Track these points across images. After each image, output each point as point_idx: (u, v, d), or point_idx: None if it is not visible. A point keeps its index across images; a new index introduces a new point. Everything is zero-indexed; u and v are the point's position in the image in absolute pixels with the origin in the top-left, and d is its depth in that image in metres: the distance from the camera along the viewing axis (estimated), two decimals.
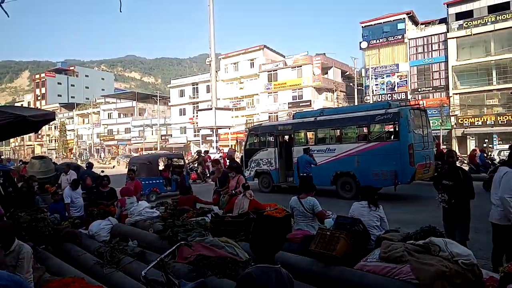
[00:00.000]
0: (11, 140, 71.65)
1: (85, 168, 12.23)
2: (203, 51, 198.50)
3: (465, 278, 3.23)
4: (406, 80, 37.25)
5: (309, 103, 41.71)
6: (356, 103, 37.38)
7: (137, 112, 62.43)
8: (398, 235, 4.29)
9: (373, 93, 37.08)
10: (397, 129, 12.04)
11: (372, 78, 37.31)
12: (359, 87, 38.89)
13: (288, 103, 43.15)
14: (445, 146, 30.44)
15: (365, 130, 13.09)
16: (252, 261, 4.54)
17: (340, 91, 44.49)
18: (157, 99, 55.95)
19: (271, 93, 45.16)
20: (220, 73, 47.92)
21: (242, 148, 18.62)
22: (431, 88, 36.44)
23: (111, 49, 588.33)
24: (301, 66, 43.07)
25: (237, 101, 48.11)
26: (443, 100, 33.95)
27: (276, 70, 44.84)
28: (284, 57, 48.51)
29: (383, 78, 38.62)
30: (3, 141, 49.41)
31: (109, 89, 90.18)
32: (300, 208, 5.39)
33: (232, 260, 4.50)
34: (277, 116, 44.18)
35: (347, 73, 46.95)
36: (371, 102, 35.85)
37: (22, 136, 60.79)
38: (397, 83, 37.86)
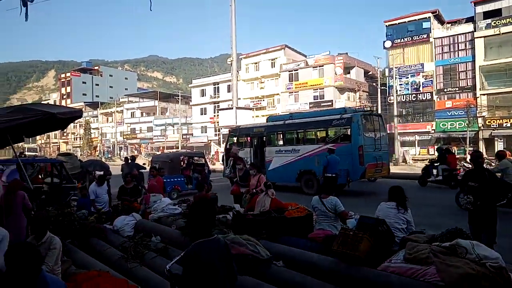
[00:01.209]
0: (38, 137, 73.91)
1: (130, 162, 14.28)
2: (224, 51, 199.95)
3: (493, 281, 3.14)
4: (432, 80, 36.39)
5: (330, 103, 41.32)
6: (379, 103, 36.83)
7: (159, 111, 63.35)
8: (423, 237, 4.20)
9: (397, 93, 36.42)
10: (349, 133, 13.44)
11: (396, 78, 36.63)
12: (382, 87, 38.22)
13: (309, 103, 42.87)
14: (471, 148, 29.61)
15: (323, 133, 14.66)
16: (268, 257, 4.56)
17: (363, 91, 43.89)
18: (178, 98, 56.65)
19: (292, 93, 44.98)
20: (241, 73, 48.10)
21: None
22: (457, 89, 35.48)
23: (134, 49, 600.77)
24: (322, 66, 42.71)
25: (258, 100, 48.16)
26: (470, 101, 32.99)
27: (297, 70, 44.63)
28: (305, 56, 48.23)
29: (408, 78, 37.86)
30: (30, 138, 51.04)
31: (132, 88, 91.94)
32: (322, 207, 5.36)
33: (253, 257, 4.52)
34: None
35: (370, 72, 46.26)
36: (395, 102, 35.33)
37: (48, 133, 62.75)
38: (422, 83, 37.03)
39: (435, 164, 14.93)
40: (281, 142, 16.01)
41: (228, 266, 2.68)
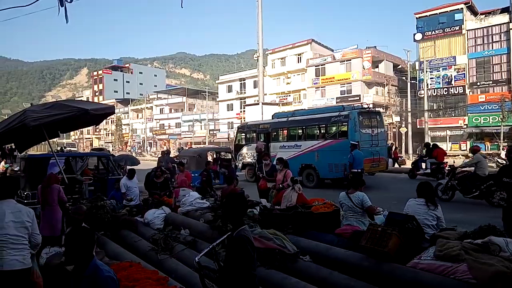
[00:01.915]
0: (71, 133, 76.64)
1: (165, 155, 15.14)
2: (250, 47, 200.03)
3: None
4: (464, 74, 35.08)
5: (358, 98, 40.56)
6: (409, 98, 35.90)
7: (187, 107, 64.26)
8: (454, 233, 4.09)
9: (427, 87, 35.35)
10: (346, 129, 14.19)
11: (427, 71, 35.53)
12: (412, 81, 37.18)
13: (336, 98, 42.25)
14: (505, 144, 28.40)
15: (323, 129, 15.61)
16: (293, 250, 4.57)
17: (392, 85, 42.80)
18: (205, 94, 57.23)
19: (319, 88, 44.48)
20: (267, 68, 48.00)
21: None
22: (491, 82, 34.02)
23: (163, 46, 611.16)
24: (350, 60, 41.97)
25: (284, 96, 47.95)
26: (505, 95, 31.56)
27: (324, 65, 44.06)
28: (332, 51, 47.52)
29: (439, 71, 36.65)
30: (64, 134, 53.08)
31: (161, 85, 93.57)
32: (349, 203, 5.31)
33: (280, 252, 4.56)
34: None
35: (400, 66, 45.06)
36: (426, 96, 34.32)
37: (82, 129, 64.89)
38: (454, 76, 35.75)
39: (424, 158, 15.90)
40: (284, 138, 17.08)
41: None
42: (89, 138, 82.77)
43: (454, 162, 16.37)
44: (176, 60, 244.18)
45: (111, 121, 71.64)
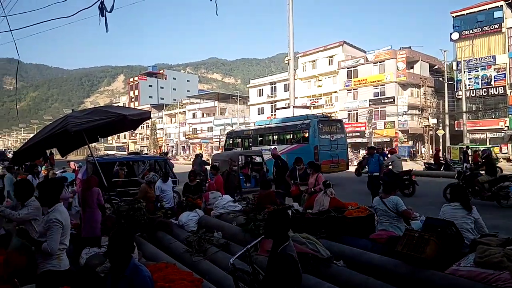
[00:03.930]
0: (109, 138, 79.44)
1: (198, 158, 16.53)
2: (281, 51, 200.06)
3: None
4: (505, 73, 33.46)
5: (392, 100, 39.62)
6: (446, 99, 34.66)
7: (218, 111, 65.05)
8: (496, 240, 3.92)
9: (466, 88, 33.99)
10: (307, 135, 16.69)
11: (464, 71, 34.19)
12: (449, 82, 35.86)
13: (369, 100, 41.45)
14: None
15: (290, 135, 18.30)
16: (327, 255, 4.52)
17: (428, 86, 41.44)
18: (237, 99, 57.70)
19: (351, 90, 43.78)
20: (298, 72, 47.81)
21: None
22: None
23: (195, 52, 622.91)
24: (383, 61, 41.03)
25: (315, 99, 47.55)
26: None
27: (356, 66, 43.34)
28: (365, 52, 46.67)
29: (478, 71, 35.19)
30: (102, 139, 55.16)
31: (193, 90, 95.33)
32: (383, 207, 5.20)
33: (313, 256, 4.53)
34: (357, 114, 42.69)
35: (436, 67, 43.56)
36: (464, 97, 33.02)
37: (119, 134, 67.14)
38: (494, 76, 34.20)
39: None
40: (263, 143, 19.69)
41: None
42: (126, 143, 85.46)
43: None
44: (208, 65, 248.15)
45: (146, 125, 73.63)
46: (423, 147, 38.12)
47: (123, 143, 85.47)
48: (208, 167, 16.65)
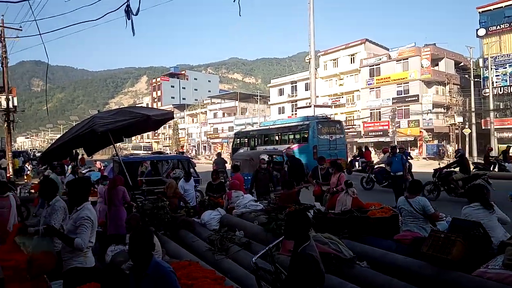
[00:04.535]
0: (133, 138, 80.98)
1: (216, 157, 17.29)
2: (301, 49, 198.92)
3: None
4: None
5: (416, 98, 38.78)
6: (472, 97, 33.66)
7: (239, 111, 65.33)
8: None
9: (493, 85, 32.88)
10: (307, 136, 17.86)
11: (492, 68, 33.08)
12: (476, 79, 34.80)
13: (392, 99, 40.69)
14: None
15: (292, 135, 19.58)
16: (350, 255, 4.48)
17: (453, 84, 40.32)
18: (257, 98, 57.78)
19: (373, 88, 43.11)
20: (319, 70, 47.44)
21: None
22: None
23: (216, 53, 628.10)
24: (407, 59, 40.18)
25: (336, 98, 47.09)
26: None
27: (379, 64, 42.62)
28: (388, 50, 45.83)
29: (506, 68, 34.00)
30: (128, 138, 56.34)
31: (214, 90, 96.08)
32: (409, 208, 5.10)
33: (336, 256, 4.49)
34: (379, 112, 42.00)
35: (462, 64, 42.32)
36: (491, 95, 31.98)
37: (143, 134, 68.29)
38: None
39: (357, 158, 18.63)
40: (267, 142, 21.04)
41: None
42: (149, 142, 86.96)
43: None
44: (229, 66, 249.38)
45: (169, 126, 74.67)
46: (450, 146, 37.14)
47: (146, 142, 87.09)
48: (228, 166, 17.01)
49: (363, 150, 19.37)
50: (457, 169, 11.09)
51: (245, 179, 11.94)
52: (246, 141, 22.74)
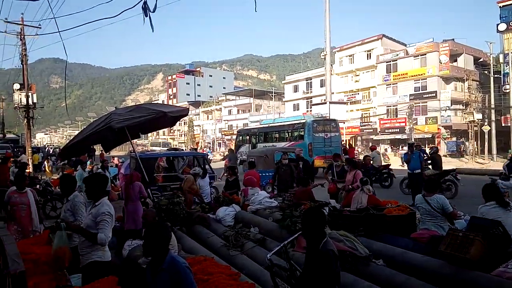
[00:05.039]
0: (149, 134, 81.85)
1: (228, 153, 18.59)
2: (316, 46, 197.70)
3: None
4: None
5: (434, 94, 38.07)
6: (492, 93, 32.85)
7: (254, 108, 65.34)
8: None
9: None
10: (303, 133, 19.08)
11: None
12: (496, 75, 33.91)
13: (410, 95, 40.04)
14: None
15: (289, 133, 20.75)
16: (367, 254, 4.45)
17: (473, 80, 39.35)
18: (272, 95, 57.68)
19: (390, 85, 42.49)
20: (334, 67, 46.99)
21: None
22: None
23: (231, 50, 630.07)
24: (425, 55, 39.44)
25: (352, 94, 46.58)
26: None
27: (396, 60, 41.95)
28: (405, 45, 45.07)
29: None
30: (145, 135, 57.09)
31: (229, 87, 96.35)
32: (427, 206, 5.02)
33: (351, 254, 4.46)
34: (396, 109, 41.40)
35: (481, 59, 41.31)
36: None
37: (158, 130, 69.03)
38: None
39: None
40: (267, 140, 22.23)
41: None
42: (165, 139, 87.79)
43: None
44: (244, 62, 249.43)
45: (184, 122, 75.24)
46: (470, 143, 36.39)
47: (162, 139, 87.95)
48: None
49: (347, 147, 20.64)
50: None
51: (260, 176, 12.00)
52: (248, 139, 23.92)
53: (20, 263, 2.60)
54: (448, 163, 23.15)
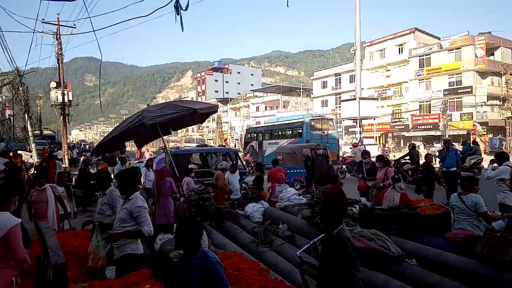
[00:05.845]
0: (179, 131, 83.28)
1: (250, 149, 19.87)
2: (346, 41, 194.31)
3: None
4: None
5: (470, 90, 36.61)
6: None
7: (281, 104, 65.10)
8: None
9: None
10: (301, 131, 21.10)
11: None
12: None
13: (444, 90, 38.67)
14: None
15: (289, 131, 22.86)
16: (398, 253, 4.35)
17: (510, 74, 37.57)
18: (300, 91, 57.24)
19: (423, 80, 41.18)
20: (364, 62, 45.99)
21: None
22: None
23: (259, 46, 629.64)
24: (460, 48, 37.93)
25: (383, 90, 45.51)
26: None
27: (429, 54, 40.57)
28: (439, 39, 43.51)
29: None
30: (173, 131, 58.07)
31: (257, 84, 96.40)
32: (461, 205, 4.85)
33: (383, 253, 4.38)
34: (429, 105, 40.09)
35: None
36: None
37: (188, 127, 70.16)
38: None
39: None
40: (271, 137, 24.33)
41: None
42: (194, 135, 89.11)
43: None
44: (271, 59, 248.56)
45: (212, 119, 76.00)
46: (508, 140, 34.75)
47: (193, 136, 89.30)
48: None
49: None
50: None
51: (288, 172, 11.97)
52: (255, 136, 25.97)
53: (60, 254, 2.72)
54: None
